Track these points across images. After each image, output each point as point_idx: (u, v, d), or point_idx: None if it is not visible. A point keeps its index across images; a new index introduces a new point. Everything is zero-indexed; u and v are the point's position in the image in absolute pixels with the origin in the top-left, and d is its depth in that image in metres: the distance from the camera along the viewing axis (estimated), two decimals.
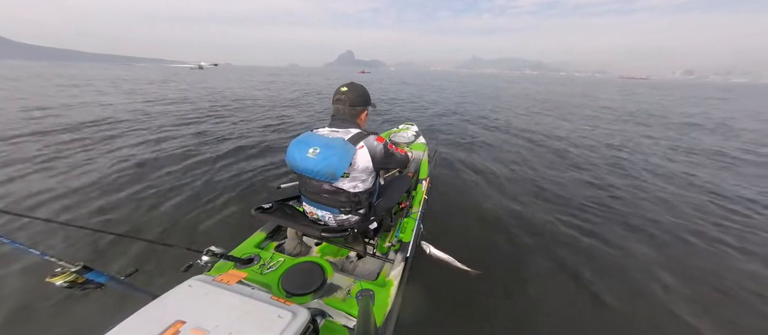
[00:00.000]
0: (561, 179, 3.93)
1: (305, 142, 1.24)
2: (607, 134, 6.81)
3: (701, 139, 6.63)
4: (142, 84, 17.00)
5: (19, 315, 1.70)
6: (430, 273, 1.95)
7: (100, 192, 3.13)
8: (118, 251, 2.19)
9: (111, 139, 5.09)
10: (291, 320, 0.80)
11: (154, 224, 2.61)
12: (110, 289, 0.91)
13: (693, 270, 2.22)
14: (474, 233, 2.62)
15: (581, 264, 2.22)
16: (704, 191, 3.65)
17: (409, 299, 1.63)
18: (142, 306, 0.82)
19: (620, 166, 4.52)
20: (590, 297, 1.93)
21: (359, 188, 1.29)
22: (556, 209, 3.07)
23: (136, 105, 8.76)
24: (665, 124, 8.53)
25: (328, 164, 1.17)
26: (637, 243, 2.51)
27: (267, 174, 3.78)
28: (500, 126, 7.46)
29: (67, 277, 0.80)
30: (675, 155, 5.22)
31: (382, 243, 1.69)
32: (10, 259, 2.02)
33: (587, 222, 2.81)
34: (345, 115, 1.34)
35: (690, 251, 2.46)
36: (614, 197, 3.39)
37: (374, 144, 1.27)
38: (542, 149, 5.40)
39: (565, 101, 14.56)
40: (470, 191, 3.49)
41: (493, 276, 2.04)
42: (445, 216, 2.84)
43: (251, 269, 1.33)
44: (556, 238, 2.56)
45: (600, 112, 10.73)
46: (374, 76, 45.09)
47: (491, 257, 2.29)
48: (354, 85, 1.38)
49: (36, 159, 3.97)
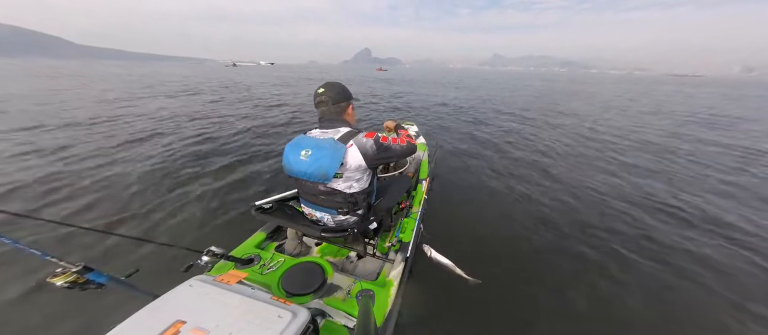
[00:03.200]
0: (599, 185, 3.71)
1: (298, 144, 1.24)
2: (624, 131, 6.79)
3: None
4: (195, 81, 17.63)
5: (19, 315, 1.70)
6: (430, 274, 1.94)
7: (101, 192, 3.14)
8: (118, 251, 2.19)
9: (114, 138, 5.10)
10: (291, 320, 0.80)
11: (154, 225, 2.62)
12: (111, 289, 0.91)
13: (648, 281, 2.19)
14: (474, 233, 2.61)
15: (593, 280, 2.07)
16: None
17: (409, 299, 1.63)
18: (143, 306, 0.83)
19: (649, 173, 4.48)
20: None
21: (355, 189, 1.28)
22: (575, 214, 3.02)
23: (161, 102, 8.79)
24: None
25: (320, 166, 1.17)
26: (645, 260, 2.33)
27: (268, 174, 3.79)
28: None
29: (68, 277, 0.81)
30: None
31: (382, 243, 1.69)
32: (11, 259, 2.03)
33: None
34: (331, 114, 1.33)
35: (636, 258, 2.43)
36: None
37: (364, 141, 1.24)
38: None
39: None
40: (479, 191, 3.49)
41: (494, 277, 2.04)
42: (446, 217, 2.84)
43: (251, 269, 1.33)
44: (562, 245, 2.52)
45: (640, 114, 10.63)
46: (391, 74, 43.23)
47: (491, 257, 2.29)
48: (330, 83, 1.36)
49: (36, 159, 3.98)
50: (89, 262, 0.86)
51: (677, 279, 2.13)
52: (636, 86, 27.41)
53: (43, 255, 0.82)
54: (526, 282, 2.07)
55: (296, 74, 30.55)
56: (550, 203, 3.20)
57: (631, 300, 1.94)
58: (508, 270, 2.16)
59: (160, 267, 2.02)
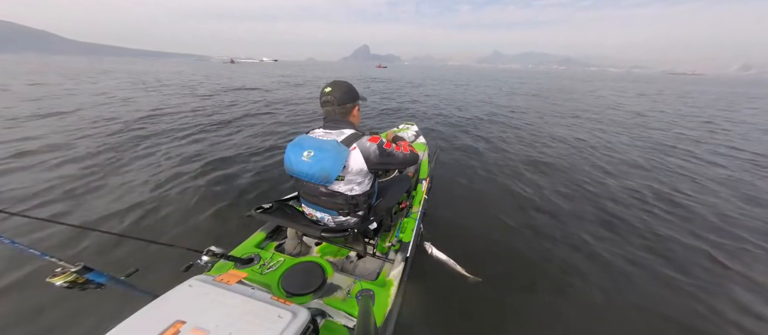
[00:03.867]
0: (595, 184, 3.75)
1: (300, 145, 1.23)
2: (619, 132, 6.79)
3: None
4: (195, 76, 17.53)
5: (19, 315, 1.70)
6: (430, 273, 1.95)
7: (101, 191, 3.13)
8: (118, 251, 2.19)
9: (114, 138, 5.09)
10: (291, 320, 0.80)
11: (154, 224, 2.62)
12: (110, 289, 0.91)
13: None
14: (474, 233, 2.62)
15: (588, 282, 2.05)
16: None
17: (409, 299, 1.63)
18: (142, 306, 0.83)
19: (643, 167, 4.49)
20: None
21: (356, 191, 1.27)
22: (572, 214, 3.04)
23: (169, 100, 8.77)
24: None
25: (322, 168, 1.16)
26: (646, 260, 2.33)
27: (270, 175, 3.79)
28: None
29: (68, 277, 0.80)
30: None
31: (382, 243, 1.69)
32: (10, 259, 2.02)
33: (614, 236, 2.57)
34: (336, 115, 1.31)
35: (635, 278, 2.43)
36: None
37: (367, 145, 1.22)
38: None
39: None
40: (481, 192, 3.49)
41: (494, 276, 2.04)
42: (446, 216, 2.84)
43: (251, 269, 1.33)
44: (562, 246, 2.52)
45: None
46: (390, 72, 41.12)
47: (491, 257, 2.29)
48: (337, 83, 1.32)
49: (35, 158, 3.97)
50: (88, 262, 0.86)
51: (677, 279, 2.13)
52: (648, 85, 27.25)
53: (43, 254, 0.82)
54: (526, 280, 2.07)
55: (294, 73, 30.23)
56: (550, 203, 3.21)
57: (633, 299, 1.94)
58: (508, 269, 2.17)
59: (160, 266, 2.02)
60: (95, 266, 0.87)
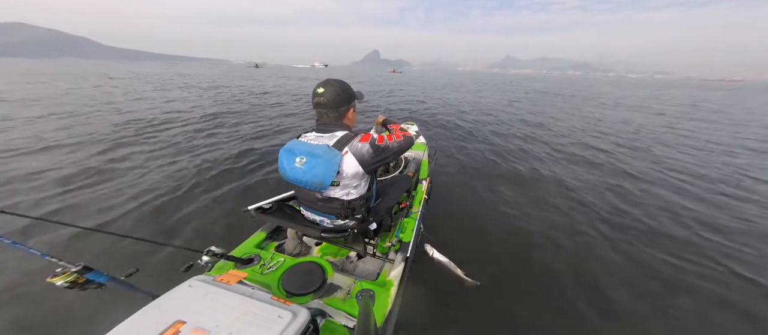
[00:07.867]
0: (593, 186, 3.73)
1: (291, 151, 1.18)
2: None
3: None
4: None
5: (19, 315, 1.70)
6: (430, 274, 1.94)
7: (100, 191, 3.13)
8: (118, 251, 2.19)
9: (114, 136, 5.09)
10: (291, 320, 0.80)
11: (154, 225, 2.62)
12: (110, 289, 0.91)
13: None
14: (474, 234, 2.61)
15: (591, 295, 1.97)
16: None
17: (409, 299, 1.63)
18: (143, 306, 0.83)
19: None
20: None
21: (353, 195, 1.24)
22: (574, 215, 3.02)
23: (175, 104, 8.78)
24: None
25: (315, 174, 1.12)
26: (647, 259, 2.33)
27: (270, 174, 3.79)
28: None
29: (68, 277, 0.81)
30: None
31: (382, 243, 1.69)
32: (11, 259, 2.02)
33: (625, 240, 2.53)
34: (329, 119, 1.24)
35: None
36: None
37: (359, 146, 1.16)
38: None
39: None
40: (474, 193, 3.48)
41: (493, 278, 2.04)
42: (445, 216, 2.84)
43: (251, 269, 1.33)
44: (563, 247, 2.51)
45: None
46: (403, 78, 38.06)
47: (490, 258, 2.29)
48: (330, 82, 1.22)
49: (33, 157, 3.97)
50: (89, 262, 0.86)
51: (678, 277, 2.13)
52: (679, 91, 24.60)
53: (43, 254, 0.82)
54: (526, 282, 2.07)
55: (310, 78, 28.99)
56: (550, 204, 3.21)
57: (634, 300, 1.94)
58: (507, 271, 2.17)
59: (160, 266, 2.02)
60: (95, 266, 0.87)
